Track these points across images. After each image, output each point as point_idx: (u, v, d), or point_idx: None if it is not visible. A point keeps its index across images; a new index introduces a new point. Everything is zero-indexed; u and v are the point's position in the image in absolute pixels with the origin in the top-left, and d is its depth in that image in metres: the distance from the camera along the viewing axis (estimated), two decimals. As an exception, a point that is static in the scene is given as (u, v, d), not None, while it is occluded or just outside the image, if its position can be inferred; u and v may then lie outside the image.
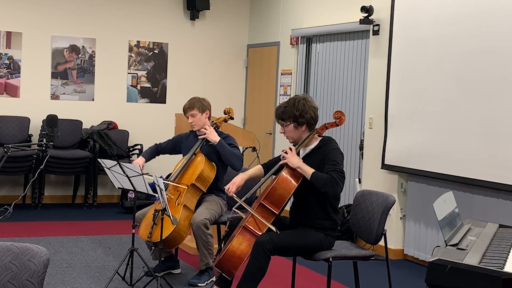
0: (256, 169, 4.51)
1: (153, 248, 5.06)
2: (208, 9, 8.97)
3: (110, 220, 7.65)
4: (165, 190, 4.61)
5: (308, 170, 4.06)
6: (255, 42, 9.17)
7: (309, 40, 8.07)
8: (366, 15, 6.63)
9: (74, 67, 8.47)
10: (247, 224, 4.12)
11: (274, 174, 4.29)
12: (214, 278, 5.05)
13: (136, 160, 5.33)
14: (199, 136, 5.31)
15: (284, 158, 4.18)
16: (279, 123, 4.29)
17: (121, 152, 8.22)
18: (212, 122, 5.36)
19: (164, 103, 8.97)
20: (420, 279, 5.53)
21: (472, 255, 2.88)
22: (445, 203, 3.41)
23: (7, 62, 8.15)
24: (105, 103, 8.63)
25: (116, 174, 4.80)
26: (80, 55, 8.50)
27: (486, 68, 5.39)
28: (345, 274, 5.19)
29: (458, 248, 3.00)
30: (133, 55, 8.79)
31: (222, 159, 5.17)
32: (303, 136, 4.23)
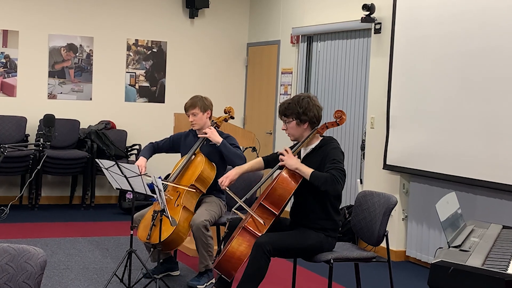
0: (255, 162, 4.52)
1: (152, 249, 5.06)
2: (208, 7, 8.97)
3: (108, 221, 7.65)
4: (164, 191, 4.61)
5: (306, 171, 4.06)
6: (255, 41, 9.17)
7: (309, 38, 8.07)
8: (367, 13, 6.63)
9: (71, 66, 8.47)
10: (246, 225, 4.12)
11: (276, 172, 4.29)
12: (213, 280, 5.05)
13: (137, 162, 5.27)
14: (198, 135, 5.30)
15: (281, 161, 4.19)
16: (281, 119, 4.29)
17: (119, 152, 8.22)
18: (212, 121, 5.35)
19: (163, 102, 8.97)
20: (423, 281, 5.53)
21: (475, 257, 2.88)
22: (447, 204, 3.41)
23: (3, 61, 8.15)
24: (103, 102, 8.63)
25: (114, 175, 4.80)
26: (77, 54, 8.50)
27: (489, 67, 5.39)
28: (346, 276, 5.19)
29: (461, 250, 3.00)
30: (131, 53, 8.79)
31: (225, 159, 5.17)
32: (305, 135, 4.24)
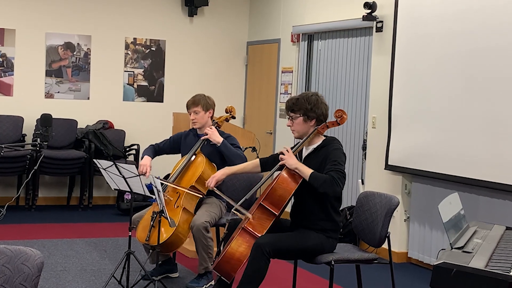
0: (248, 164, 4.54)
1: (150, 251, 5.06)
2: (207, 5, 8.97)
3: (106, 222, 7.65)
4: (163, 192, 4.60)
5: (306, 171, 4.07)
6: (255, 39, 9.18)
7: (310, 37, 8.07)
8: (369, 11, 6.63)
9: (69, 65, 8.47)
10: (246, 225, 4.12)
11: (276, 172, 4.29)
12: (213, 282, 5.05)
13: (142, 161, 5.21)
14: (199, 135, 5.28)
15: (281, 160, 4.19)
16: (288, 114, 4.28)
17: (117, 152, 8.22)
18: (213, 121, 5.34)
19: (162, 102, 8.97)
20: (425, 283, 5.53)
21: (478, 258, 2.88)
22: (450, 204, 3.41)
23: (0, 59, 8.15)
24: (100, 102, 8.63)
25: (112, 175, 4.80)
26: (75, 53, 8.50)
27: (492, 66, 5.39)
28: (347, 278, 5.19)
29: (463, 251, 3.00)
30: (129, 52, 8.79)
31: (226, 159, 5.15)
32: (310, 132, 4.24)
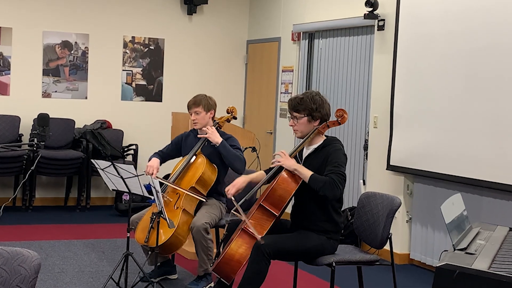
0: (259, 174, 4.51)
1: (149, 252, 5.06)
2: (206, 3, 8.97)
3: (104, 223, 7.65)
4: (163, 193, 4.60)
5: (305, 173, 4.07)
6: (255, 38, 9.17)
7: (311, 35, 8.07)
8: (370, 9, 6.62)
9: (66, 64, 8.47)
10: (246, 226, 4.12)
11: (272, 178, 4.28)
12: (212, 284, 5.05)
13: (150, 163, 5.19)
14: (199, 135, 5.28)
15: (278, 162, 4.18)
16: (291, 114, 4.27)
17: (115, 152, 8.22)
18: (215, 121, 5.33)
19: (160, 101, 8.97)
20: (427, 285, 5.52)
21: (482, 260, 2.88)
22: (453, 205, 3.41)
23: (-4, 58, 8.16)
24: (98, 101, 8.63)
25: (110, 175, 4.80)
26: (72, 52, 8.50)
27: (495, 65, 5.39)
28: (348, 280, 5.19)
29: (466, 253, 3.00)
30: (128, 51, 8.79)
31: (224, 160, 5.15)
32: (311, 132, 4.24)
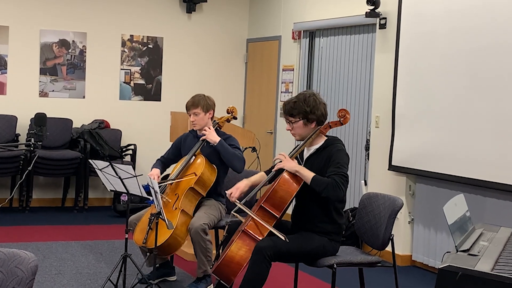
0: (259, 175, 4.51)
1: (148, 254, 5.06)
2: (206, 1, 8.97)
3: (102, 224, 7.65)
4: (161, 193, 4.60)
5: (307, 174, 4.07)
6: (255, 36, 9.18)
7: (312, 34, 8.07)
8: (372, 7, 6.63)
9: (64, 63, 8.47)
10: (246, 228, 4.12)
11: (273, 179, 4.29)
12: (211, 286, 5.05)
13: (151, 173, 5.22)
14: (199, 136, 5.28)
15: (279, 165, 4.19)
16: (287, 119, 4.28)
17: (113, 152, 8.22)
18: (214, 121, 5.34)
19: (159, 100, 8.97)
20: (430, 287, 5.53)
21: (485, 262, 2.88)
22: (455, 206, 3.41)
23: (-7, 57, 8.16)
24: (96, 100, 8.63)
25: (108, 176, 4.80)
26: (70, 50, 8.50)
27: (499, 64, 5.39)
28: (350, 282, 5.19)
29: (469, 254, 3.00)
30: (126, 50, 8.79)
31: (223, 159, 5.16)
32: (311, 133, 4.24)
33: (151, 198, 4.61)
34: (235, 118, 5.41)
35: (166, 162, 5.47)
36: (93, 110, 8.59)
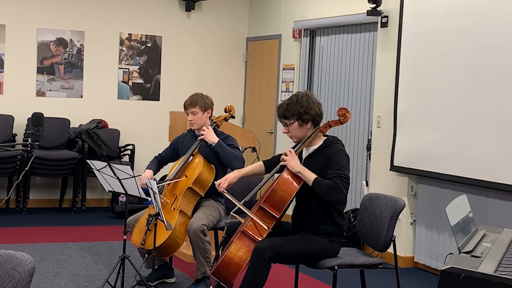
0: (256, 165, 4.54)
1: (146, 255, 5.06)
2: (205, -1, 8.98)
3: (100, 225, 7.65)
4: (159, 194, 4.60)
5: (309, 176, 4.07)
6: (255, 35, 9.18)
7: (312, 32, 8.07)
8: (374, 6, 6.63)
9: (61, 62, 8.47)
10: (245, 229, 4.12)
11: (277, 173, 4.29)
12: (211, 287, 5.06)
13: (143, 174, 5.23)
14: (197, 136, 5.29)
15: (283, 160, 4.19)
16: (282, 122, 4.29)
17: (111, 152, 8.22)
18: (212, 121, 5.34)
19: (158, 100, 8.97)
20: (432, 289, 5.53)
21: (488, 263, 2.88)
22: (458, 207, 3.41)
23: (-11, 56, 8.16)
24: (94, 100, 8.63)
25: (106, 176, 4.80)
26: (67, 49, 8.50)
27: (502, 63, 5.39)
28: (351, 284, 5.19)
29: (472, 256, 3.00)
30: (124, 48, 8.79)
31: (222, 160, 5.16)
32: (308, 135, 4.24)
33: (149, 199, 4.61)
34: (233, 117, 5.41)
35: (162, 160, 5.48)
36: (91, 110, 8.59)
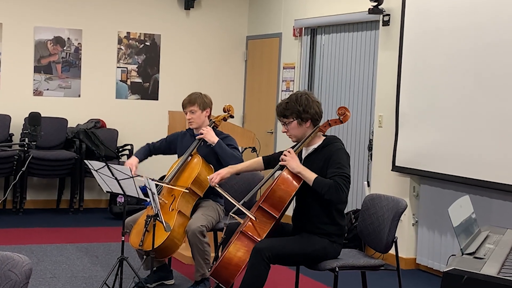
0: (253, 161, 4.55)
1: (144, 257, 5.06)
2: (204, -3, 8.99)
3: (98, 226, 7.65)
4: (158, 194, 4.60)
5: (309, 176, 4.06)
6: (255, 34, 9.17)
7: (313, 31, 8.07)
8: (375, 4, 6.63)
9: (58, 61, 8.47)
10: (244, 229, 4.12)
11: (276, 173, 4.29)
12: (210, 289, 5.06)
13: (128, 161, 5.32)
14: (196, 135, 5.29)
15: (282, 161, 4.19)
16: (281, 121, 4.29)
17: (109, 152, 8.22)
18: (211, 120, 5.34)
19: (156, 99, 8.97)
20: (434, 291, 5.53)
21: (491, 265, 2.88)
22: (461, 208, 3.41)
23: (-14, 55, 8.16)
24: (92, 99, 8.63)
25: (104, 177, 4.80)
26: (65, 48, 8.50)
27: (505, 62, 5.39)
28: (352, 285, 5.19)
29: (475, 257, 3.00)
30: (122, 47, 8.79)
31: (220, 160, 5.16)
32: (308, 134, 4.24)
33: (148, 200, 4.61)
34: (231, 117, 5.41)
35: (153, 150, 5.50)
36: (88, 109, 8.59)
